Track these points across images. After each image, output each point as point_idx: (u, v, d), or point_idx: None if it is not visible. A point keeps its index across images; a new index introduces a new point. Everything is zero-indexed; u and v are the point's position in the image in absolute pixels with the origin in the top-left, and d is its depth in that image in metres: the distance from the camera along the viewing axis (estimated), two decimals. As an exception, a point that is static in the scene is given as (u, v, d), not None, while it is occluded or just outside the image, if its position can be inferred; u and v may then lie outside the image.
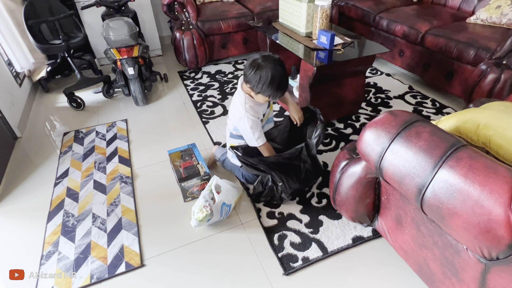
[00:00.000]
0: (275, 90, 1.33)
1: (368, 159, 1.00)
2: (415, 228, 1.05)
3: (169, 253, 1.36)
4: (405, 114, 0.96)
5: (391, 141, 0.92)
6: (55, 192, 1.69)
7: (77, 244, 1.41)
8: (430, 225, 0.97)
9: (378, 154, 0.95)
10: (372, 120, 1.00)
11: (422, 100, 2.37)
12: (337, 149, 1.90)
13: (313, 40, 1.92)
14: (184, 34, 2.63)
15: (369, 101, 2.37)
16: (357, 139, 1.33)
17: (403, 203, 1.06)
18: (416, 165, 0.85)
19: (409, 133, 0.89)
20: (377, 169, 0.98)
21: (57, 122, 2.30)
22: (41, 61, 2.66)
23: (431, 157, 0.83)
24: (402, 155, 0.88)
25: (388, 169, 0.93)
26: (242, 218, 1.50)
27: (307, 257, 1.31)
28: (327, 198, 1.58)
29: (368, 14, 2.79)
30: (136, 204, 1.59)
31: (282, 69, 1.33)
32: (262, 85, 1.32)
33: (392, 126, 0.94)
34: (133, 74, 2.20)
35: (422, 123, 0.92)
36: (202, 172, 1.57)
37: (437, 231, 0.95)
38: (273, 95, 1.35)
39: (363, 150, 1.01)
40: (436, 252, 0.99)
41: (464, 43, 2.07)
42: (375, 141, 0.96)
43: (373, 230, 1.41)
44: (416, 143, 0.87)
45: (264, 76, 1.30)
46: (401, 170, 0.89)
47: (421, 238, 1.04)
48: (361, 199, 1.21)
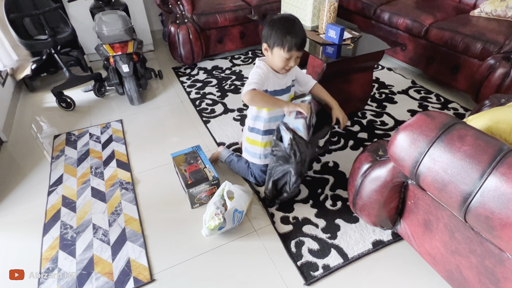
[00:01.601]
0: (291, 37, 1.22)
1: (402, 164, 0.94)
2: (447, 234, 1.00)
3: (180, 265, 1.27)
4: (442, 115, 0.90)
5: (430, 146, 0.85)
6: (50, 201, 1.56)
7: (79, 259, 1.30)
8: (467, 232, 0.92)
9: (415, 159, 0.89)
10: (406, 122, 0.93)
11: (427, 95, 2.33)
12: (346, 148, 1.84)
13: (320, 35, 1.84)
14: (180, 28, 2.50)
15: (373, 96, 2.31)
16: (376, 140, 1.28)
17: (435, 209, 1.01)
18: (461, 172, 0.79)
19: (451, 137, 0.83)
20: (413, 174, 0.91)
21: (46, 123, 2.15)
22: (25, 58, 2.47)
23: (478, 163, 0.76)
24: (444, 160, 0.82)
25: (427, 175, 0.87)
26: (255, 225, 1.42)
27: (328, 265, 1.25)
28: (341, 200, 1.52)
29: (368, 6, 2.72)
30: (139, 213, 1.49)
31: (296, 18, 1.27)
32: (276, 33, 1.23)
33: (430, 129, 0.87)
34: (128, 71, 2.06)
35: (462, 125, 0.86)
36: (211, 177, 1.48)
37: (476, 239, 0.90)
38: (289, 45, 1.22)
39: (396, 154, 0.94)
40: (473, 260, 0.94)
41: (471, 37, 2.04)
42: (411, 145, 0.89)
43: (393, 232, 1.37)
44: (460, 147, 0.80)
45: (278, 24, 1.24)
46: (443, 176, 0.82)
47: (454, 245, 0.98)
48: (386, 204, 1.15)
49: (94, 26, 1.99)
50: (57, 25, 2.34)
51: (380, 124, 2.03)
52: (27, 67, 2.40)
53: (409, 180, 1.07)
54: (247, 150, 1.56)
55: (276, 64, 1.30)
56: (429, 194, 0.99)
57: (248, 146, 1.54)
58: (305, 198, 1.53)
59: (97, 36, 2.04)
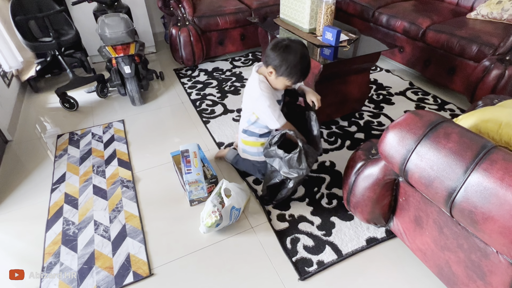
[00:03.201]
0: (300, 73, 1.28)
1: (391, 161, 0.97)
2: (437, 230, 1.03)
3: (178, 260, 1.30)
4: (430, 114, 0.93)
5: (417, 143, 0.89)
6: (52, 198, 1.60)
7: (80, 254, 1.34)
8: (455, 227, 0.95)
9: (403, 156, 0.92)
10: (396, 121, 0.97)
11: (424, 96, 2.36)
12: (342, 148, 1.88)
13: (317, 37, 1.88)
14: (181, 31, 2.55)
15: (371, 98, 2.35)
16: (370, 140, 1.31)
17: (425, 205, 1.04)
18: (446, 168, 0.82)
19: (437, 134, 0.86)
20: (402, 171, 0.94)
21: (50, 123, 2.20)
22: (29, 60, 2.53)
23: (462, 159, 0.80)
24: (430, 157, 0.85)
25: (415, 172, 0.90)
26: (252, 222, 1.45)
27: (322, 261, 1.28)
28: (337, 198, 1.55)
29: (366, 9, 2.76)
30: (140, 210, 1.53)
31: (308, 53, 1.30)
32: (288, 66, 1.26)
33: (418, 127, 0.91)
34: (129, 72, 2.11)
35: (448, 123, 0.89)
36: (209, 175, 1.52)
37: (462, 233, 0.93)
38: (296, 79, 1.30)
39: (386, 152, 0.97)
40: (461, 255, 0.97)
41: (467, 39, 2.07)
42: (400, 143, 0.93)
43: (387, 230, 1.39)
44: (445, 144, 0.84)
45: (292, 57, 1.25)
46: (430, 173, 0.86)
47: (443, 240, 1.01)
48: (378, 201, 1.18)
49: (97, 28, 2.05)
50: (61, 28, 2.39)
51: (377, 124, 2.06)
52: (32, 68, 2.46)
53: (400, 177, 1.10)
54: (246, 151, 1.60)
55: (278, 86, 1.39)
56: (418, 190, 1.02)
57: (246, 147, 1.58)
58: (302, 196, 1.56)
59: (100, 38, 2.09)
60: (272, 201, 1.50)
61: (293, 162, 1.30)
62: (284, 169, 1.34)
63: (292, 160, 1.30)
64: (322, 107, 1.49)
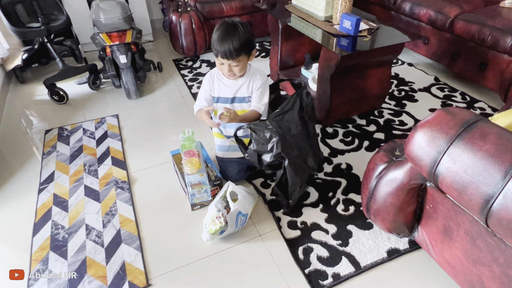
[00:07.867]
0: (216, 42, 1.38)
1: (419, 164, 0.97)
2: (469, 241, 1.02)
3: (178, 270, 1.30)
4: (464, 112, 0.92)
5: (449, 144, 0.88)
6: (40, 200, 1.61)
7: (70, 261, 1.34)
8: (490, 239, 0.94)
9: (433, 159, 0.91)
10: (425, 119, 0.96)
11: (451, 93, 2.35)
12: (360, 149, 1.87)
13: (334, 25, 1.88)
14: (182, 18, 2.56)
15: (391, 94, 2.34)
16: (392, 140, 1.30)
17: (456, 213, 1.03)
18: (482, 172, 0.81)
19: (472, 135, 0.85)
20: (431, 175, 0.94)
21: (37, 117, 2.21)
22: (15, 48, 2.55)
23: (501, 163, 0.79)
24: (465, 160, 0.85)
25: (446, 176, 0.89)
26: (260, 229, 1.45)
27: (338, 274, 1.27)
28: (354, 205, 1.54)
29: (388, -4, 2.75)
30: (136, 214, 1.53)
31: (230, 25, 1.38)
32: (212, 38, 1.41)
33: (450, 126, 0.90)
34: (125, 62, 2.12)
35: (484, 123, 0.88)
36: (213, 177, 1.52)
37: (499, 246, 0.92)
38: (215, 48, 1.40)
39: (413, 153, 0.97)
40: (496, 270, 0.96)
41: (500, 30, 2.05)
42: (430, 144, 0.92)
43: (410, 241, 1.39)
44: (481, 146, 0.83)
45: (215, 29, 1.41)
46: (463, 177, 0.85)
47: (476, 253, 1.01)
48: (402, 208, 1.17)
49: (91, 14, 2.06)
50: (51, 12, 2.40)
51: (398, 124, 2.06)
52: (18, 57, 2.48)
53: (428, 182, 1.09)
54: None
55: (220, 70, 1.51)
56: (448, 197, 1.01)
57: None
58: (315, 202, 1.56)
59: (94, 25, 2.10)
60: (288, 202, 1.49)
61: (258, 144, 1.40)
62: (265, 157, 1.42)
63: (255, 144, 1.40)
64: (338, 104, 1.49)
